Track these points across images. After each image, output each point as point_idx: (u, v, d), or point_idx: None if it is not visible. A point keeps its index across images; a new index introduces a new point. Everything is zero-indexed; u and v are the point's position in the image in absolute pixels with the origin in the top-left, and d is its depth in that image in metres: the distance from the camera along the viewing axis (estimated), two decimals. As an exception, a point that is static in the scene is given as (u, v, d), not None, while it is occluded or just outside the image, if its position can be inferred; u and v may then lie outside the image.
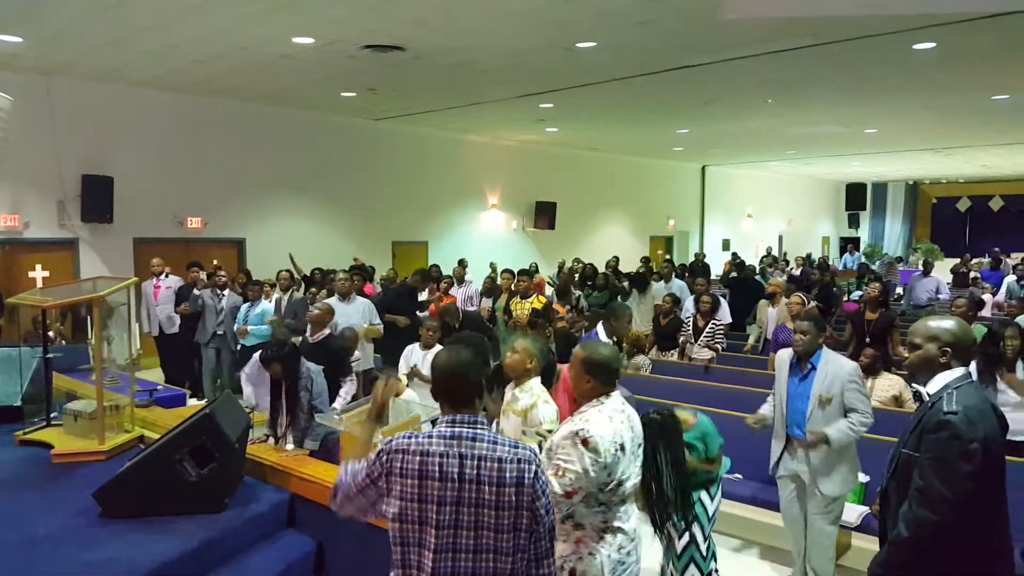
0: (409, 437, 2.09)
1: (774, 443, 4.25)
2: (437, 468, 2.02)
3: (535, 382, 3.51)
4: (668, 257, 17.37)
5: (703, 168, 21.78)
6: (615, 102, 11.28)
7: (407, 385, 5.33)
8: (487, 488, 2.00)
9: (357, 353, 6.42)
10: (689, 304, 8.55)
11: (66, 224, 9.65)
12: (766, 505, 4.78)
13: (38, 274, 9.42)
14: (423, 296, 8.93)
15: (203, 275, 8.63)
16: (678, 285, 9.99)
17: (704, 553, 3.58)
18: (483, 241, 15.42)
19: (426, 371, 5.52)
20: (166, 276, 8.78)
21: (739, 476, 5.11)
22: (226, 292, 8.27)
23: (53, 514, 3.57)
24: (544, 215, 16.52)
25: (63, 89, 9.39)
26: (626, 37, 7.66)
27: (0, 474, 4.21)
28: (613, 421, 2.64)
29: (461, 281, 9.97)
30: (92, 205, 9.64)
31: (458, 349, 2.25)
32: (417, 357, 5.89)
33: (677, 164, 20.72)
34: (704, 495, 3.62)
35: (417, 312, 7.96)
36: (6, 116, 7.37)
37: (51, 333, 7.42)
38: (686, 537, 3.58)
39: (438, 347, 5.79)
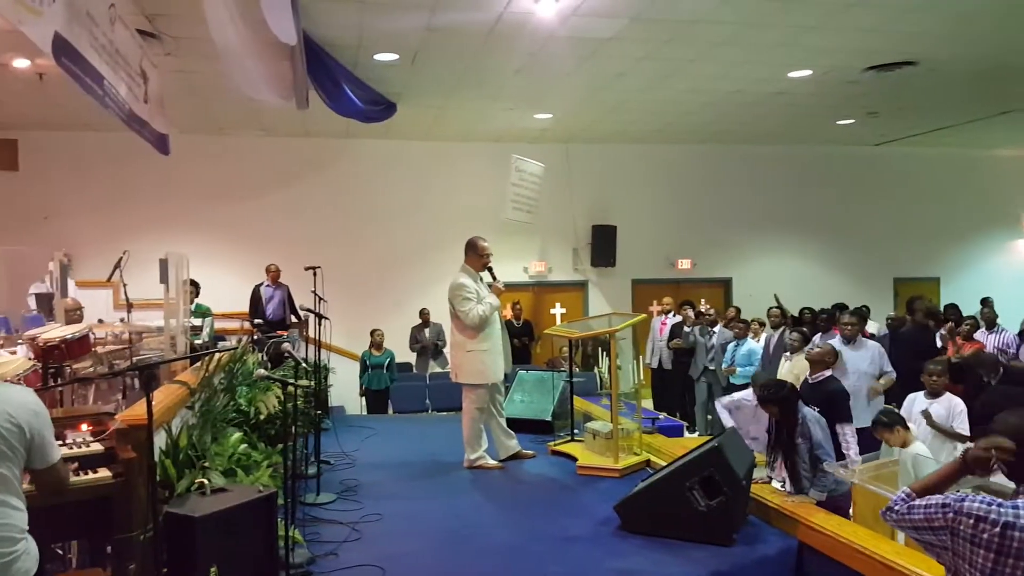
0: (989, 503, 1.83)
1: None
2: (1012, 544, 1.75)
3: None
4: None
5: None
6: None
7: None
8: None
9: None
10: None
11: (579, 268, 11.29)
12: None
13: (557, 311, 11.16)
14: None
15: (691, 312, 9.07)
16: None
17: None
18: (1016, 276, 12.70)
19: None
20: (672, 315, 9.46)
21: None
22: (716, 329, 8.52)
23: (581, 519, 4.11)
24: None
25: (577, 153, 11.05)
26: None
27: (539, 478, 5.06)
28: None
29: (991, 325, 8.27)
30: (600, 251, 11.09)
31: None
32: (921, 406, 5.13)
33: None
34: None
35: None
36: (539, 180, 9.05)
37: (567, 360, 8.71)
38: None
39: (948, 396, 5.05)
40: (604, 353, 7.62)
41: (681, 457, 4.03)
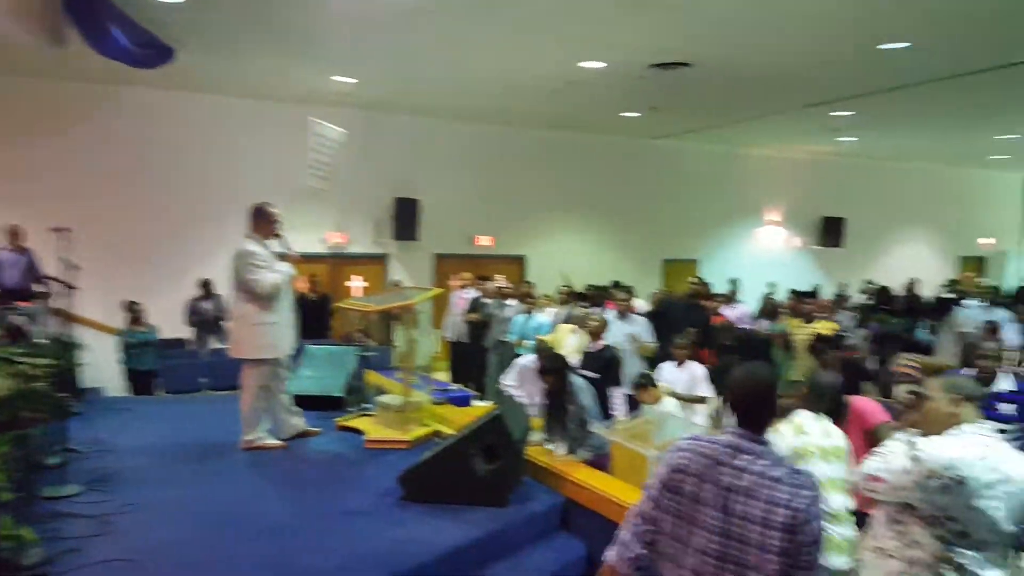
0: (696, 440, 2.15)
1: None
2: (714, 473, 2.04)
3: (799, 414, 3.43)
4: (994, 284, 14.70)
5: (1032, 178, 18.33)
6: (924, 106, 9.95)
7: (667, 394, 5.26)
8: (758, 504, 1.97)
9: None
10: (1012, 334, 7.22)
11: (380, 241, 11.09)
12: None
13: (356, 284, 10.89)
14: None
15: (492, 285, 9.29)
16: (1000, 315, 8.50)
17: None
18: (758, 260, 14.59)
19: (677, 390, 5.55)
20: (469, 289, 9.57)
21: None
22: (510, 302, 8.81)
23: (365, 493, 4.05)
24: (830, 232, 15.17)
25: (382, 122, 10.81)
26: (943, 33, 6.71)
27: (323, 455, 4.90)
28: (963, 449, 2.37)
29: (730, 301, 9.49)
30: (401, 224, 10.98)
31: (757, 369, 2.18)
32: (667, 374, 5.80)
33: (994, 174, 17.69)
34: None
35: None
36: (338, 147, 8.70)
37: (363, 334, 8.56)
38: None
39: (690, 363, 5.76)
40: (403, 327, 7.58)
41: (466, 426, 4.11)
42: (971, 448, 2.37)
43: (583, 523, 3.83)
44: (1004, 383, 4.26)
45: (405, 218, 10.94)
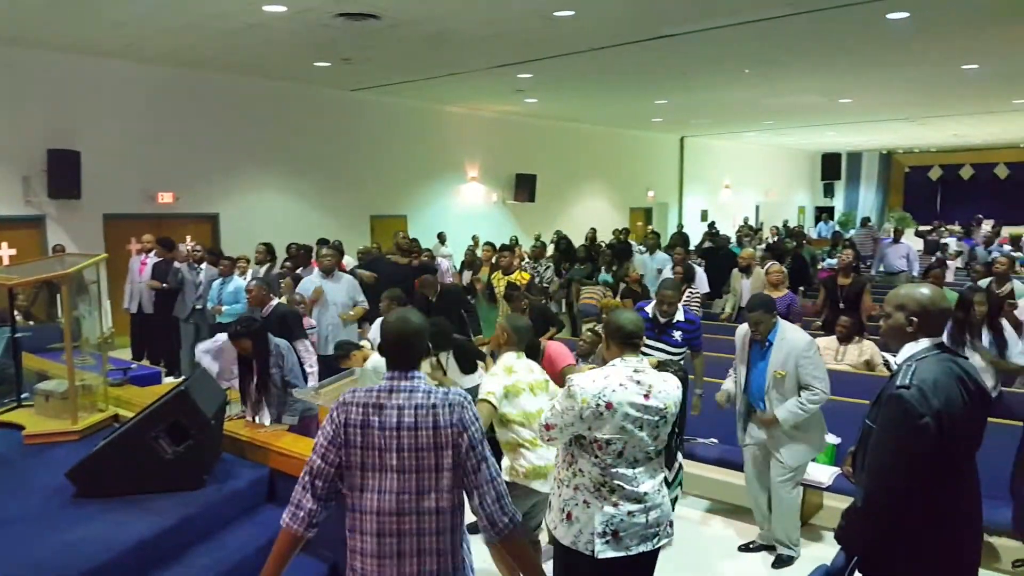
0: (354, 392, 2.27)
1: (739, 414, 4.42)
2: (377, 418, 2.19)
3: (505, 356, 3.64)
4: (654, 229, 17.27)
5: (681, 139, 21.78)
6: (594, 72, 11.17)
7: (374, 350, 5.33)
8: (424, 432, 2.18)
9: (311, 320, 6.35)
10: (667, 273, 8.61)
11: (32, 200, 9.38)
12: (732, 466, 4.98)
13: (3, 252, 9.18)
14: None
15: (183, 248, 8.48)
16: (661, 258, 10.08)
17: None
18: (463, 214, 15.31)
19: None
20: (152, 253, 8.56)
21: (714, 440, 5.28)
22: (204, 266, 8.15)
23: (27, 496, 3.49)
24: (524, 188, 16.44)
25: (26, 60, 9.08)
26: (605, 6, 7.55)
27: (-30, 456, 4.13)
28: (607, 380, 2.75)
29: (434, 258, 9.90)
30: (59, 180, 9.35)
31: (408, 314, 2.37)
32: (378, 332, 5.87)
33: (656, 135, 20.69)
34: None
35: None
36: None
37: (18, 312, 7.27)
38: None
39: None
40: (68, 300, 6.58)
41: (148, 406, 3.74)
42: (614, 378, 2.78)
43: (292, 492, 3.73)
44: (679, 315, 5.08)
45: (63, 173, 9.36)
